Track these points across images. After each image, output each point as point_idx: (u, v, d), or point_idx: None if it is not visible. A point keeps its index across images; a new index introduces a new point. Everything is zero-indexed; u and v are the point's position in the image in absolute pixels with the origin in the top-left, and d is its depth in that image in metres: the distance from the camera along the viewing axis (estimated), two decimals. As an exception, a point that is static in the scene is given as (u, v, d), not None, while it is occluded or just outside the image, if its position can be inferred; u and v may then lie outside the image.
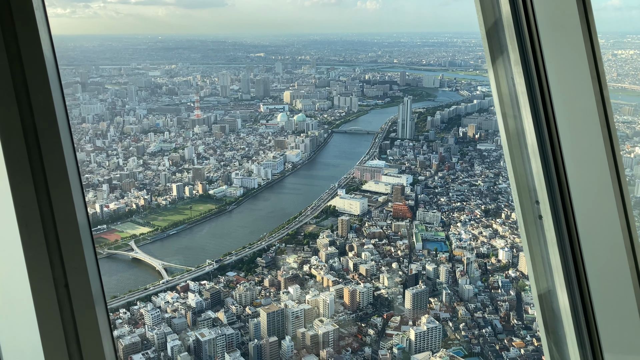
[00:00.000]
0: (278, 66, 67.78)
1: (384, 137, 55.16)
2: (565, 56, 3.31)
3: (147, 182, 46.32)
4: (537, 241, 3.76)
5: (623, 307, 3.34)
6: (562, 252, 3.49)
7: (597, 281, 3.39)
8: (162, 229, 41.83)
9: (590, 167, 3.37)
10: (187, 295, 33.94)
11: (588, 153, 3.34)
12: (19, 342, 2.29)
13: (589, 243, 3.39)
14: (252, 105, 60.05)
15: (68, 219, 2.16)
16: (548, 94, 3.33)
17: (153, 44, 73.59)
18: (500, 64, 3.71)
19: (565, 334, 3.59)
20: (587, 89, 3.18)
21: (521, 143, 3.69)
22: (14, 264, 2.13)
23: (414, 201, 43.17)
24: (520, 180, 3.80)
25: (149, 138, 51.81)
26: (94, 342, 2.19)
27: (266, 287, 35.08)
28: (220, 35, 78.55)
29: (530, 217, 3.77)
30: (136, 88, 59.73)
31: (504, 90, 3.72)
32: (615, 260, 3.32)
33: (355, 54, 75.53)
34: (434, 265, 36.00)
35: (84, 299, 2.17)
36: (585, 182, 3.42)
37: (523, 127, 3.60)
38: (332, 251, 37.46)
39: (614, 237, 3.28)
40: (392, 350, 30.90)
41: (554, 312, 3.73)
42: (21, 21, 2.18)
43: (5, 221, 2.10)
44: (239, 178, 47.48)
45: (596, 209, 3.40)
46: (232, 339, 30.89)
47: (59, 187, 2.15)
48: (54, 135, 2.19)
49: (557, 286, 3.59)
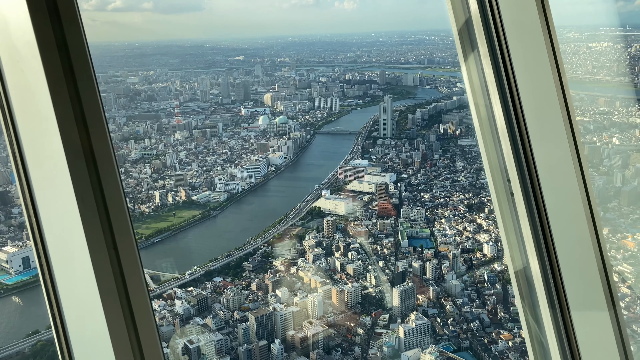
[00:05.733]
0: (258, 69, 67.57)
1: (366, 136, 55.32)
2: (528, 49, 3.77)
3: (130, 190, 45.85)
4: (510, 216, 4.21)
5: (586, 269, 3.83)
6: (532, 224, 3.91)
7: (563, 248, 3.84)
8: (146, 237, 41.44)
9: (553, 146, 3.82)
10: (174, 302, 33.68)
11: (550, 133, 3.79)
12: (79, 294, 2.83)
13: (555, 214, 3.84)
14: (233, 109, 59.77)
15: (113, 193, 2.72)
16: (514, 82, 3.76)
17: (130, 51, 72.86)
18: (471, 58, 4.15)
19: (538, 298, 4.03)
20: (548, 77, 3.66)
21: (492, 128, 4.12)
22: (74, 231, 2.68)
23: (398, 199, 43.39)
24: (492, 162, 4.27)
25: (130, 146, 51.28)
26: (139, 291, 2.76)
27: (254, 291, 34.97)
28: (199, 40, 78.03)
29: (502, 195, 4.25)
30: (115, 96, 59.04)
31: (475, 80, 4.18)
32: (578, 228, 3.81)
33: (334, 54, 75.64)
34: (420, 262, 36.23)
35: (129, 258, 2.74)
36: (549, 160, 3.85)
37: (493, 113, 4.03)
38: (318, 252, 37.47)
39: (576, 208, 3.77)
40: (382, 348, 31.03)
41: (527, 278, 4.16)
42: (68, 21, 2.55)
43: (67, 197, 2.65)
44: (222, 183, 47.24)
45: (559, 183, 3.86)
46: (221, 345, 30.74)
47: (106, 168, 2.70)
48: (100, 125, 2.70)
49: (528, 255, 4.03)
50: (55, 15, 2.50)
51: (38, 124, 2.67)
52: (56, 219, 2.82)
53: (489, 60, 3.89)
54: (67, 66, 2.54)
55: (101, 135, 2.68)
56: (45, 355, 28.96)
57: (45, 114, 2.57)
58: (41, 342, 29.53)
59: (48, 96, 2.52)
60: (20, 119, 2.73)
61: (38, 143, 2.73)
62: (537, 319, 4.15)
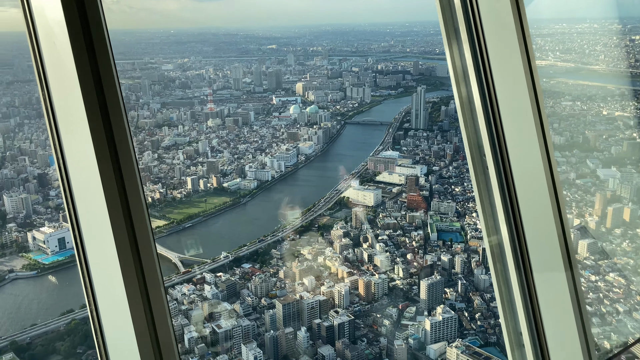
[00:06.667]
0: (290, 58, 67.60)
1: (398, 127, 54.86)
2: (501, 35, 4.23)
3: (162, 176, 46.67)
4: (485, 188, 4.70)
5: (547, 234, 4.25)
6: (503, 195, 4.38)
7: (528, 215, 4.29)
8: (177, 222, 42.19)
9: (521, 122, 4.22)
10: (203, 287, 34.25)
11: (519, 111, 4.21)
12: (105, 265, 3.24)
13: (521, 186, 4.29)
14: (265, 98, 60.05)
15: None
16: (488, 65, 4.24)
17: (165, 38, 73.74)
18: (454, 43, 4.66)
19: (507, 261, 4.49)
20: (517, 60, 4.08)
21: (471, 106, 4.54)
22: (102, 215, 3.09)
23: (428, 192, 42.98)
24: (471, 137, 4.71)
25: (163, 132, 52.12)
26: (150, 264, 3.18)
27: (281, 278, 35.27)
28: (232, 28, 78.38)
29: (479, 168, 4.75)
30: (149, 82, 60.00)
31: (457, 64, 4.68)
32: (541, 199, 4.23)
33: (367, 44, 75.01)
34: (449, 256, 35.89)
35: (143, 236, 3.16)
36: (517, 135, 4.27)
37: (472, 93, 4.48)
38: (346, 242, 37.49)
39: (539, 179, 4.19)
40: (408, 340, 30.95)
41: (499, 244, 4.60)
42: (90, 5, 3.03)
43: (95, 184, 3.10)
44: (252, 171, 47.64)
45: (525, 156, 4.26)
46: (248, 330, 31.15)
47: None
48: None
49: (500, 223, 4.49)
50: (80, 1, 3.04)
51: (69, 92, 3.11)
52: (87, 199, 3.28)
53: (468, 46, 4.36)
54: (88, 41, 3.01)
55: (115, 102, 3.16)
56: (78, 333, 29.89)
57: (70, 84, 3.06)
58: (75, 321, 30.48)
59: (73, 66, 3.01)
60: (55, 91, 3.24)
61: (66, 110, 3.21)
62: (507, 282, 4.57)
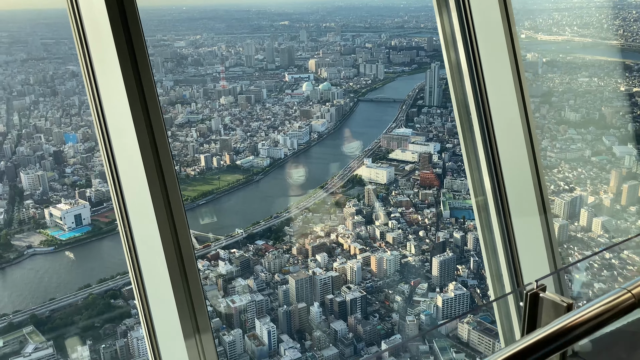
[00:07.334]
0: (303, 34, 66.97)
1: (411, 104, 54.42)
2: (485, 5, 4.56)
3: (176, 153, 46.96)
4: (471, 144, 5.12)
5: (523, 182, 4.70)
6: (486, 149, 4.81)
7: (508, 167, 4.73)
8: (191, 199, 42.59)
9: (502, 83, 4.58)
10: (218, 263, 34.72)
11: (500, 74, 4.57)
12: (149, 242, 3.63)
13: (502, 140, 4.70)
14: (277, 75, 59.77)
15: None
16: (474, 32, 4.62)
17: (178, 15, 73.33)
18: (444, 12, 5.02)
19: (490, 208, 4.99)
20: (499, 28, 4.46)
21: (460, 70, 4.94)
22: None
23: (441, 169, 42.81)
24: (459, 99, 5.10)
25: (177, 110, 52.27)
26: (187, 248, 3.56)
27: (294, 255, 35.61)
28: (244, 4, 77.74)
29: (466, 125, 5.14)
30: (162, 59, 59.94)
31: (447, 30, 5.03)
32: (519, 150, 4.65)
33: (381, 19, 73.96)
34: (461, 233, 35.89)
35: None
36: (498, 95, 4.63)
37: (459, 57, 4.87)
38: (358, 220, 37.64)
39: (517, 133, 4.59)
40: (419, 316, 31.21)
41: (484, 193, 5.08)
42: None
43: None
44: (265, 148, 47.76)
45: (506, 114, 4.66)
46: (262, 305, 31.62)
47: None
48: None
49: (484, 175, 4.96)
50: None
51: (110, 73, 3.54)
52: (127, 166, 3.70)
53: (456, 14, 4.72)
54: (126, 29, 3.54)
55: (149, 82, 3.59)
56: (96, 307, 30.57)
57: (111, 63, 3.48)
58: (92, 296, 31.15)
59: (114, 48, 3.45)
60: (98, 68, 3.69)
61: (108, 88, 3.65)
62: (490, 226, 5.05)
